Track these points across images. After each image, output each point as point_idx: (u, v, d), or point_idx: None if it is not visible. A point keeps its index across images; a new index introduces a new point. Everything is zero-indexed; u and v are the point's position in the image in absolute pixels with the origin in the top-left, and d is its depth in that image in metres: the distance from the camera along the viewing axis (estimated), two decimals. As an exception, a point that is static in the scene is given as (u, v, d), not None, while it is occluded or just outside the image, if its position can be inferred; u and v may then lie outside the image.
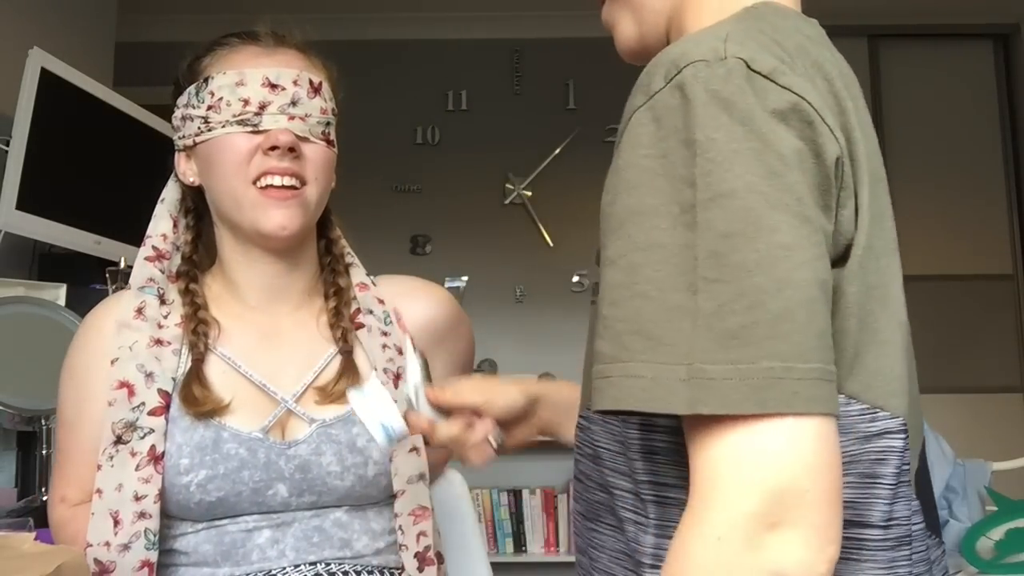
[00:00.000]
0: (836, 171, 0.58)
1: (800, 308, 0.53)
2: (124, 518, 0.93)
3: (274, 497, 0.97)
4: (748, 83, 0.56)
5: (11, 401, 1.65)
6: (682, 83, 0.57)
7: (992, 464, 2.35)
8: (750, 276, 0.53)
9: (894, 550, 0.62)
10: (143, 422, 0.95)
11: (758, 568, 0.51)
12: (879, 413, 0.62)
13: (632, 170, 0.58)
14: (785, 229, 0.54)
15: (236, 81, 0.99)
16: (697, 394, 0.53)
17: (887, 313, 0.63)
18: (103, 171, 2.17)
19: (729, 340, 0.53)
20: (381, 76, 3.96)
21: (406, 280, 1.15)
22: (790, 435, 0.52)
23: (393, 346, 1.07)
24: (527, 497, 3.55)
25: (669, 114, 0.57)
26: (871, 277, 0.62)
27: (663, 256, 0.55)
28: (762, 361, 0.52)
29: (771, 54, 0.59)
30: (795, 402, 0.52)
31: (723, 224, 0.54)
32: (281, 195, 0.98)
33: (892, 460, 0.62)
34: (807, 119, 0.57)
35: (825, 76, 0.63)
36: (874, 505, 0.61)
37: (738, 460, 0.53)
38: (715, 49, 0.58)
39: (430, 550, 1.01)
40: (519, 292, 3.86)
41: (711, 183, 0.54)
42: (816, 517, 0.52)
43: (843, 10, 3.84)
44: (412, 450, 1.02)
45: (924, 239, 3.87)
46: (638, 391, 0.55)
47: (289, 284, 1.06)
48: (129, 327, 0.99)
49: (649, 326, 0.55)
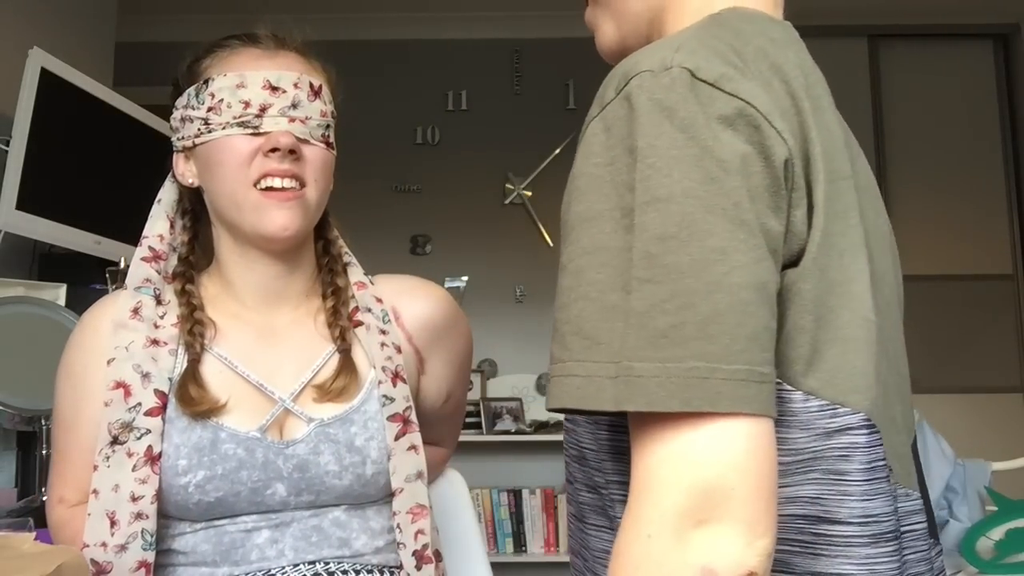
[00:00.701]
0: (786, 172, 0.59)
1: (730, 311, 0.54)
2: (121, 519, 0.92)
3: (272, 497, 0.97)
4: (691, 92, 0.58)
5: (11, 401, 1.65)
6: (629, 93, 0.59)
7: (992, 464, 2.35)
8: (682, 278, 0.54)
9: (871, 547, 0.62)
10: (139, 422, 0.94)
11: (686, 563, 0.52)
12: (839, 409, 0.62)
13: (583, 178, 0.61)
14: (720, 233, 0.55)
15: (237, 83, 0.99)
16: (624, 391, 0.54)
17: (850, 309, 0.63)
18: (103, 171, 2.17)
19: (659, 339, 0.54)
20: (381, 76, 3.96)
21: (404, 279, 1.15)
22: (717, 434, 0.53)
23: (392, 344, 1.07)
24: (527, 497, 3.55)
25: (617, 123, 0.59)
26: (832, 274, 0.62)
27: (604, 259, 0.57)
28: (688, 361, 0.53)
29: (723, 61, 0.60)
30: (719, 402, 0.53)
31: (659, 227, 0.56)
32: (282, 196, 0.98)
33: (857, 456, 0.62)
34: (754, 123, 0.58)
35: (783, 78, 0.64)
36: (843, 502, 0.62)
37: (668, 459, 0.54)
38: (662, 59, 0.60)
39: (428, 548, 1.01)
40: (519, 292, 3.86)
41: (649, 187, 0.56)
42: (744, 513, 0.53)
43: (843, 10, 3.84)
44: (410, 448, 1.02)
45: (924, 239, 3.87)
46: (573, 389, 0.57)
47: (287, 285, 1.06)
48: (125, 327, 0.99)
49: (587, 327, 0.57)
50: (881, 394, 0.65)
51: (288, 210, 0.99)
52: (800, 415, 0.61)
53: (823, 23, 3.77)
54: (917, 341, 3.73)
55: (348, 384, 1.02)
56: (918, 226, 3.87)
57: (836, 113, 0.70)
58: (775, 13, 0.75)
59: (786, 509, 0.62)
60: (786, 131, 0.60)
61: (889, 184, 3.86)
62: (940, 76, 3.99)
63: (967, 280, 3.85)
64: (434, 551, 1.02)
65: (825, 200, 0.62)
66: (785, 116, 0.61)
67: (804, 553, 0.62)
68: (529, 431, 3.58)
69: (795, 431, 0.62)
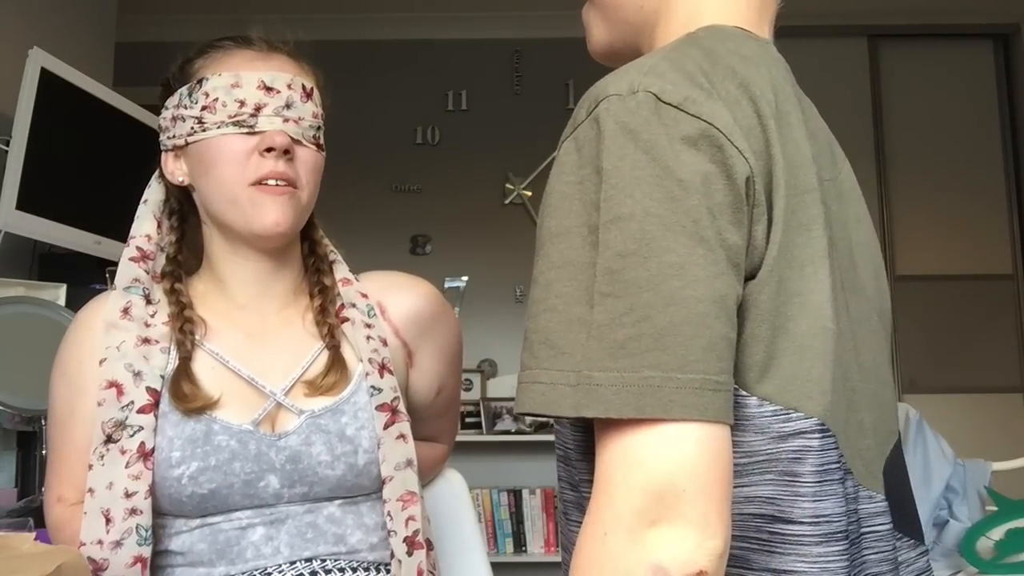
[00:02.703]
0: (747, 189, 0.62)
1: (685, 323, 0.57)
2: (115, 515, 0.93)
3: (265, 489, 0.98)
4: (655, 115, 0.61)
5: (11, 401, 1.66)
6: (597, 116, 0.63)
7: (992, 464, 2.35)
8: (640, 292, 0.58)
9: (822, 545, 0.64)
10: (132, 420, 0.95)
11: (638, 562, 0.55)
12: (793, 414, 0.64)
13: (555, 195, 0.64)
14: (677, 250, 0.58)
15: (232, 83, 1.00)
16: (583, 399, 0.58)
17: (808, 319, 0.66)
18: (103, 171, 2.17)
19: (617, 350, 0.57)
20: (381, 76, 3.96)
21: (389, 275, 1.16)
22: (669, 439, 0.56)
23: (377, 337, 1.08)
24: (527, 497, 3.55)
25: (587, 144, 0.63)
26: (790, 285, 0.65)
27: (571, 273, 0.61)
28: (644, 370, 0.57)
29: (690, 83, 0.64)
30: (671, 409, 0.56)
31: (620, 244, 0.59)
32: (276, 192, 1.00)
33: (809, 459, 0.64)
34: (717, 143, 0.61)
35: (750, 96, 0.66)
36: (796, 502, 0.64)
37: (623, 462, 0.57)
38: (630, 83, 0.63)
39: (419, 534, 1.01)
40: (519, 292, 3.86)
41: (612, 207, 0.60)
42: (694, 514, 0.55)
43: (843, 10, 3.84)
44: (399, 437, 1.03)
45: (924, 239, 3.87)
46: (538, 395, 0.60)
47: (276, 283, 1.07)
48: (116, 327, 1.00)
49: (553, 337, 0.60)
50: (842, 400, 0.67)
51: (281, 206, 1.00)
52: (755, 419, 0.64)
53: (823, 23, 3.77)
54: (917, 341, 3.75)
55: (338, 380, 1.03)
56: (918, 226, 3.87)
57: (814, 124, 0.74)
58: (759, 28, 0.77)
59: (744, 508, 0.65)
60: (747, 150, 0.63)
61: (889, 184, 3.86)
62: (940, 76, 3.99)
63: (967, 280, 3.85)
64: (425, 539, 1.02)
65: (784, 214, 0.65)
66: (748, 135, 0.64)
67: (761, 550, 0.65)
68: (529, 431, 3.58)
69: (750, 435, 0.65)
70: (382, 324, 1.10)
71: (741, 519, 0.65)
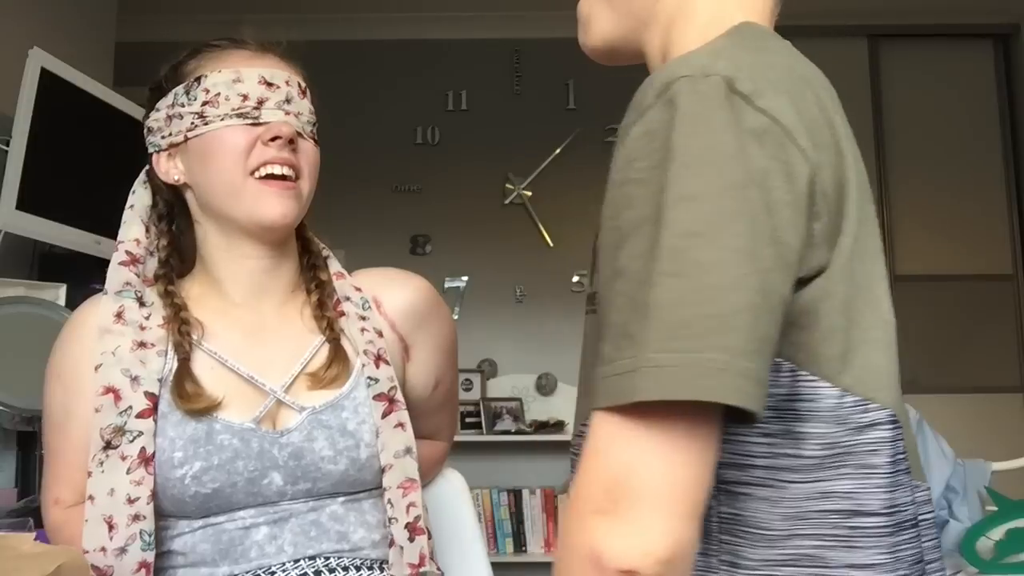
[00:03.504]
0: (809, 188, 0.62)
1: (747, 311, 0.57)
2: (119, 522, 0.93)
3: (269, 487, 0.98)
4: (728, 100, 0.61)
5: (11, 401, 1.66)
6: (671, 98, 0.61)
7: (992, 464, 2.35)
8: (706, 274, 0.57)
9: (896, 535, 0.66)
10: (131, 425, 0.95)
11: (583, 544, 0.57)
12: (870, 405, 0.66)
13: (631, 184, 0.62)
14: (742, 236, 0.58)
15: (233, 78, 1.01)
16: (642, 383, 0.56)
17: (872, 311, 0.68)
18: (103, 171, 2.17)
19: (679, 330, 0.56)
20: (381, 76, 3.96)
21: (383, 270, 1.17)
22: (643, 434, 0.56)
23: (372, 329, 1.08)
24: (527, 497, 3.55)
25: (659, 127, 0.61)
26: (858, 278, 0.66)
27: (644, 260, 0.59)
28: (708, 352, 0.55)
29: (757, 75, 0.63)
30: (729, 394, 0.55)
31: (686, 223, 0.58)
32: (280, 185, 1.01)
33: (885, 450, 0.66)
34: (779, 141, 0.61)
35: (813, 91, 0.66)
36: (874, 494, 0.65)
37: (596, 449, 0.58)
38: (703, 66, 0.62)
39: (420, 520, 1.01)
40: (519, 292, 3.86)
41: (680, 186, 0.58)
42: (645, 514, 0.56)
43: (843, 10, 3.84)
44: (397, 426, 1.03)
45: (924, 239, 3.87)
46: (612, 387, 0.58)
47: (274, 279, 1.08)
48: (111, 332, 0.99)
49: (627, 326, 0.59)
50: (899, 391, 0.69)
51: (286, 199, 1.01)
52: (836, 410, 0.65)
53: (823, 23, 3.77)
54: (917, 341, 3.75)
55: (340, 372, 1.03)
56: (918, 226, 3.87)
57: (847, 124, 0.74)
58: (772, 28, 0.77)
59: (819, 505, 0.65)
60: (811, 148, 0.63)
61: (889, 184, 3.86)
62: (940, 76, 3.99)
63: (967, 280, 3.85)
64: (425, 527, 1.03)
65: (857, 207, 0.65)
66: (813, 131, 0.63)
67: (839, 547, 0.65)
68: (529, 431, 3.58)
69: (831, 426, 0.65)
70: (377, 317, 1.10)
71: (817, 516, 0.65)
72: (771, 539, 0.65)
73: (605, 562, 0.55)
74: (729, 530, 0.66)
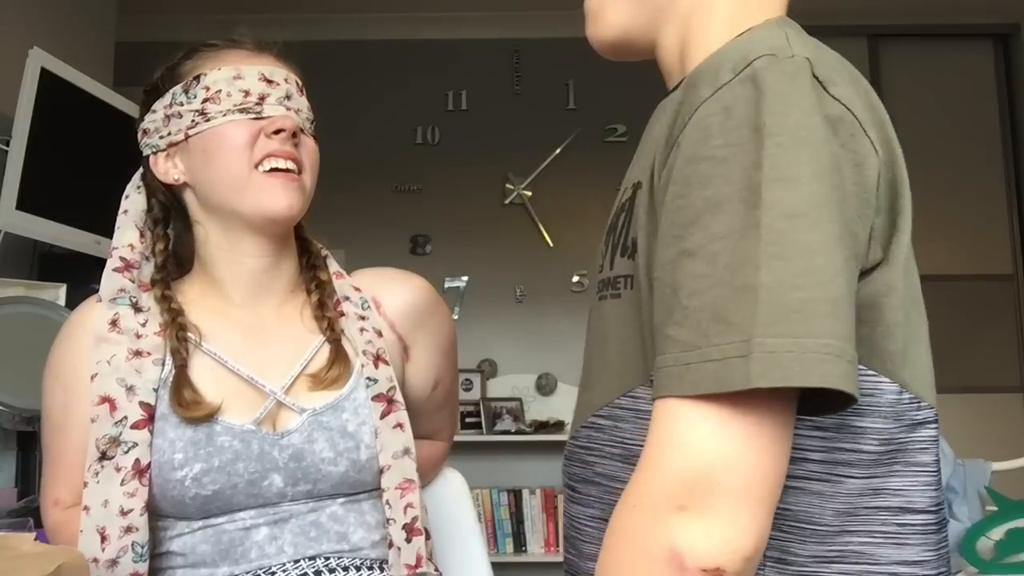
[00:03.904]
0: (876, 181, 0.61)
1: (848, 297, 0.56)
2: (111, 533, 0.92)
3: (269, 488, 0.97)
4: (812, 82, 0.60)
5: (11, 401, 1.66)
6: (753, 75, 0.59)
7: (992, 464, 2.35)
8: (813, 257, 0.54)
9: (940, 532, 0.66)
10: (126, 436, 0.95)
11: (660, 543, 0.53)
12: (922, 403, 0.66)
13: (705, 162, 0.59)
14: (838, 221, 0.56)
15: (233, 75, 1.02)
16: (755, 368, 0.53)
17: (918, 312, 0.68)
18: (103, 171, 2.16)
19: (791, 314, 0.53)
20: (381, 76, 3.96)
21: (382, 270, 1.17)
22: (727, 426, 0.54)
23: (372, 329, 1.08)
24: (527, 497, 3.55)
25: (739, 104, 0.59)
26: (911, 277, 0.66)
27: (737, 241, 0.56)
28: (823, 338, 0.53)
29: (826, 63, 0.62)
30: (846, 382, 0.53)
31: (788, 204, 0.55)
32: (285, 178, 1.01)
33: (931, 448, 0.66)
34: (851, 131, 0.60)
35: (864, 87, 0.66)
36: (923, 492, 0.65)
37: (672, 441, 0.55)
38: (782, 47, 0.61)
39: (417, 521, 1.01)
40: (519, 292, 3.86)
41: (777, 164, 0.56)
42: (728, 509, 0.53)
43: (843, 10, 3.84)
44: (396, 426, 1.03)
45: (924, 239, 3.84)
46: (710, 374, 0.55)
47: (274, 279, 1.07)
48: (106, 340, 0.99)
49: (723, 310, 0.56)
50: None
51: (291, 191, 1.01)
52: (895, 406, 0.64)
53: (823, 23, 3.76)
54: (917, 341, 3.74)
55: (341, 373, 1.03)
56: (918, 226, 3.83)
57: None
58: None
59: (869, 502, 0.64)
60: (877, 140, 0.62)
61: (889, 184, 3.86)
62: (940, 76, 3.99)
63: (967, 280, 3.85)
64: (423, 528, 1.02)
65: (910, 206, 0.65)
66: (874, 125, 0.63)
67: (889, 544, 0.64)
68: (529, 431, 3.58)
69: (889, 422, 0.64)
70: (376, 317, 1.10)
71: (868, 512, 0.64)
72: (822, 535, 0.64)
73: (688, 562, 0.52)
74: (778, 525, 0.63)
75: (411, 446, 1.04)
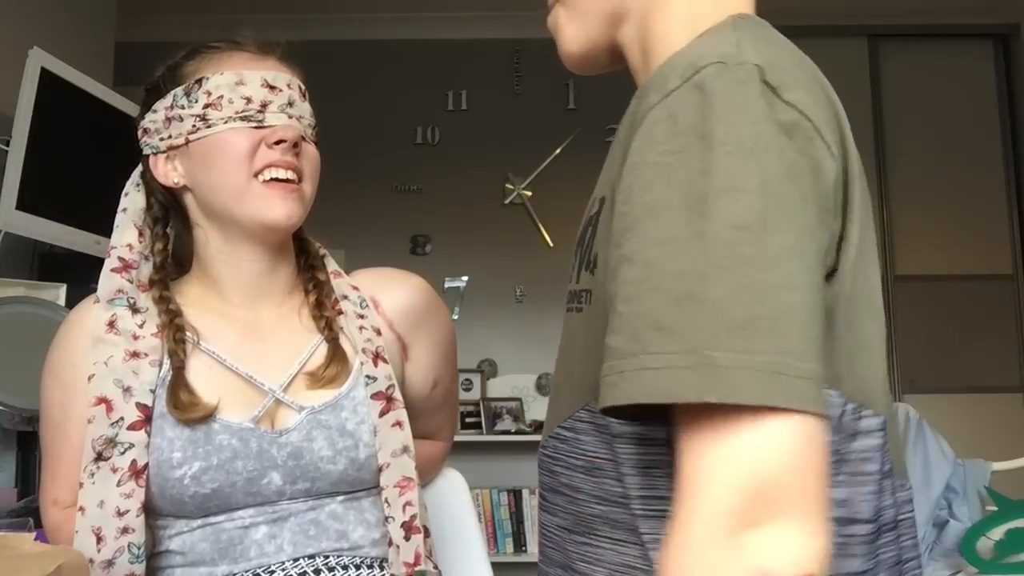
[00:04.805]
0: (834, 186, 0.60)
1: (801, 309, 0.54)
2: (107, 534, 0.92)
3: (268, 486, 0.97)
4: (762, 89, 0.58)
5: (11, 401, 1.66)
6: (701, 82, 0.58)
7: (992, 464, 2.35)
8: (759, 271, 0.53)
9: (877, 540, 0.64)
10: (123, 437, 0.95)
11: (738, 568, 0.51)
12: (864, 412, 0.64)
13: (647, 168, 0.59)
14: (789, 232, 0.55)
15: (236, 81, 1.01)
16: (705, 382, 0.52)
17: (871, 318, 0.66)
18: (103, 171, 2.16)
19: (738, 330, 0.52)
20: (381, 76, 3.96)
21: (381, 270, 1.17)
22: (774, 432, 0.52)
23: (370, 327, 1.08)
24: (527, 497, 3.55)
25: (686, 111, 0.58)
26: (859, 283, 0.64)
27: (677, 248, 0.55)
28: (769, 354, 0.52)
29: (779, 67, 0.61)
30: (793, 398, 0.52)
31: (736, 216, 0.54)
32: (285, 188, 1.01)
33: (875, 456, 0.64)
34: (808, 136, 0.59)
35: (823, 88, 0.64)
36: (866, 502, 0.64)
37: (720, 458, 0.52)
38: (731, 54, 0.59)
39: (416, 519, 1.01)
40: (519, 292, 3.86)
41: (727, 175, 0.55)
42: (799, 514, 0.52)
43: (843, 10, 3.84)
44: (395, 424, 1.03)
45: (924, 239, 3.87)
46: (648, 382, 0.54)
47: (272, 281, 1.08)
48: (104, 341, 0.99)
49: (662, 318, 0.54)
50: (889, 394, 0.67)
51: (291, 201, 1.01)
52: (838, 418, 0.62)
53: (823, 23, 3.77)
54: (917, 341, 3.74)
55: (339, 371, 1.03)
56: (918, 226, 3.87)
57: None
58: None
59: None
60: (834, 144, 0.61)
61: (889, 184, 3.86)
62: (940, 76, 3.99)
63: (967, 280, 3.85)
64: (423, 525, 1.02)
65: (860, 207, 0.63)
66: (830, 128, 0.62)
67: (838, 556, 0.61)
68: (529, 431, 3.58)
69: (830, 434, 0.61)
70: (375, 316, 1.10)
71: None
72: None
73: None
74: None
75: (410, 444, 1.04)
